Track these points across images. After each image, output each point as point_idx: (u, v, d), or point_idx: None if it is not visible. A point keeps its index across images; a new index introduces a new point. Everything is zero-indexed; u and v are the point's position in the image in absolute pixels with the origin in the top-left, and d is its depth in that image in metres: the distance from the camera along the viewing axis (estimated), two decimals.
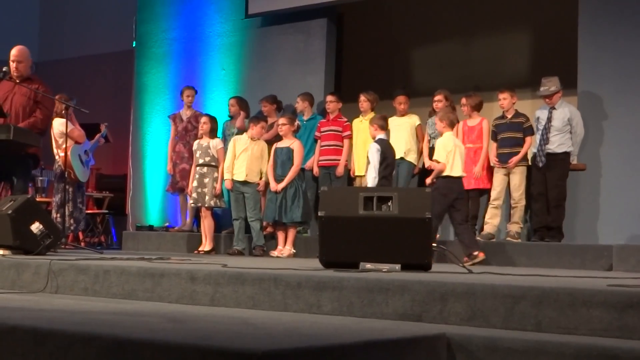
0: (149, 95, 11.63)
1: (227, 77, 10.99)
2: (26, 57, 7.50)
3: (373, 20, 10.76)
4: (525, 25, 10.06)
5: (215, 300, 4.47)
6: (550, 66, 8.51)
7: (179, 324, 3.26)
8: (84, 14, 14.22)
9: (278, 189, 8.52)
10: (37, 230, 6.22)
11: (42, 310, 3.84)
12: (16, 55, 7.44)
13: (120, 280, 4.90)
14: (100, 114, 11.03)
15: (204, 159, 9.06)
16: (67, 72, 13.32)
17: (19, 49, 7.49)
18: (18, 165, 7.34)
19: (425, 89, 9.75)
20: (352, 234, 5.17)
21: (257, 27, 10.88)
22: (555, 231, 8.08)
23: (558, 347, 3.10)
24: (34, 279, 5.24)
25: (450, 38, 10.34)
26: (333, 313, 4.06)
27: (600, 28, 8.52)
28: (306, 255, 8.54)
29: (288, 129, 8.68)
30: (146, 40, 11.77)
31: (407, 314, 3.85)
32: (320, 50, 10.33)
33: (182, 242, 9.68)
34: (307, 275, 4.26)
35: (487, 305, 3.66)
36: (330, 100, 9.38)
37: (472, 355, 3.22)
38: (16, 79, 7.41)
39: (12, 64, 7.41)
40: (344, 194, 5.63)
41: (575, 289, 3.54)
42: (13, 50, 7.47)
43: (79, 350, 2.78)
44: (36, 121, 7.32)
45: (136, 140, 11.65)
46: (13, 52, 7.46)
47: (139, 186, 11.50)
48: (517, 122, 8.36)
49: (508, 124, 8.32)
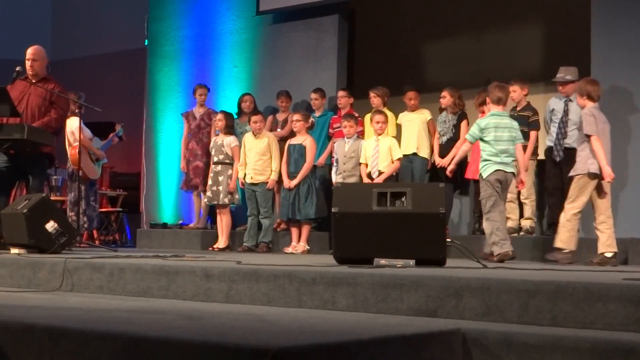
0: (162, 93, 11.65)
1: (239, 75, 11.00)
2: (41, 56, 7.52)
3: (384, 15, 10.73)
4: (537, 18, 10.00)
5: (230, 297, 4.48)
6: (563, 59, 8.44)
7: (194, 321, 3.27)
8: (96, 13, 14.26)
9: (291, 186, 8.54)
10: (52, 229, 6.26)
11: (57, 309, 3.86)
12: (32, 54, 7.46)
13: (135, 278, 4.91)
14: (113, 112, 11.05)
15: (218, 157, 9.06)
16: (80, 71, 13.35)
17: (35, 48, 7.52)
18: (33, 165, 7.37)
19: (436, 84, 9.71)
20: (365, 230, 5.16)
21: (269, 24, 10.88)
22: None
23: (574, 342, 3.09)
24: (49, 277, 5.27)
25: (461, 32, 10.30)
26: (348, 309, 4.06)
27: (613, 20, 8.47)
28: (320, 251, 8.55)
29: (302, 125, 8.68)
30: (158, 38, 11.79)
31: (422, 309, 3.85)
32: (332, 47, 10.32)
33: (196, 240, 9.70)
34: (321, 272, 4.27)
35: (502, 300, 3.65)
36: (341, 95, 9.37)
37: (488, 350, 3.21)
38: (32, 78, 7.43)
39: (28, 63, 7.43)
40: (358, 189, 5.63)
41: (590, 283, 3.53)
42: (29, 49, 7.50)
43: (95, 348, 2.79)
44: (50, 120, 7.34)
45: (149, 139, 11.68)
46: (29, 51, 7.49)
47: (153, 184, 11.52)
48: (523, 116, 8.28)
49: (517, 116, 8.25)
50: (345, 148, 8.53)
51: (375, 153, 8.33)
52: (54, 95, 7.39)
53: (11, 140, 6.92)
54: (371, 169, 8.34)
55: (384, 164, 8.31)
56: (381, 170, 8.29)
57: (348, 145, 8.52)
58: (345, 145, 8.54)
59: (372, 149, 8.36)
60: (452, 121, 8.77)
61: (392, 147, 8.33)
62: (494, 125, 6.90)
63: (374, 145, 8.37)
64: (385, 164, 8.31)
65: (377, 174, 8.28)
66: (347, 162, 8.50)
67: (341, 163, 8.54)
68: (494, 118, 6.96)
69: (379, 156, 8.32)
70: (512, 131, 6.97)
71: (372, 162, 8.34)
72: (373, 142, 8.41)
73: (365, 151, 8.41)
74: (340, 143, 8.66)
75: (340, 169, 8.54)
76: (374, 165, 8.33)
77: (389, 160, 8.30)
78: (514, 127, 7.02)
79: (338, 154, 8.63)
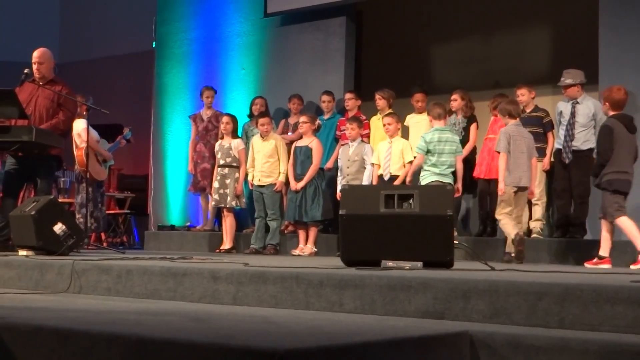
0: (169, 96, 11.67)
1: (247, 77, 11.01)
2: (47, 58, 7.53)
3: (392, 17, 10.73)
4: (545, 20, 9.99)
5: (238, 299, 4.48)
6: (571, 61, 8.44)
7: (201, 323, 3.27)
8: (103, 16, 14.29)
9: (297, 188, 8.54)
10: (60, 231, 6.26)
11: (65, 311, 3.86)
12: (37, 57, 7.48)
13: (143, 280, 4.91)
14: (120, 114, 11.08)
15: (225, 159, 9.07)
16: (88, 74, 13.38)
17: (40, 50, 7.53)
18: (41, 167, 7.39)
19: (444, 86, 9.71)
20: (373, 232, 5.16)
21: (277, 26, 10.89)
22: (578, 227, 8.03)
23: (582, 344, 3.08)
24: (57, 279, 5.28)
25: (469, 35, 10.29)
26: (355, 311, 4.05)
27: (621, 22, 8.45)
28: (328, 253, 8.54)
29: (309, 127, 8.69)
30: (166, 40, 11.81)
31: (429, 311, 3.84)
32: (340, 49, 10.32)
33: (203, 242, 9.71)
34: (328, 274, 4.26)
35: (510, 302, 3.64)
36: (348, 97, 9.38)
37: (495, 352, 3.21)
38: (39, 80, 7.45)
39: (34, 66, 7.45)
40: (365, 192, 5.63)
41: (598, 285, 3.52)
42: (35, 52, 7.52)
43: (103, 350, 2.80)
44: (58, 122, 7.36)
45: (157, 141, 11.70)
46: (35, 54, 7.50)
47: (161, 186, 11.54)
48: (536, 117, 8.31)
49: (527, 118, 8.24)
50: (349, 152, 8.54)
51: (388, 155, 8.32)
52: (61, 98, 7.40)
53: (19, 143, 6.94)
54: (383, 171, 8.33)
55: (396, 167, 8.30)
56: (392, 173, 8.28)
57: (352, 149, 8.52)
58: (350, 149, 8.55)
59: (385, 150, 8.35)
60: (462, 124, 8.78)
61: (404, 149, 8.32)
62: (437, 139, 7.78)
63: (387, 147, 8.36)
64: (397, 166, 8.30)
65: (388, 176, 8.28)
66: (350, 165, 8.50)
67: (345, 167, 8.54)
68: (437, 133, 7.83)
69: (392, 158, 8.31)
70: (452, 145, 7.86)
71: (384, 164, 8.33)
72: (386, 144, 8.41)
73: (379, 153, 8.40)
74: (345, 147, 8.67)
75: (344, 172, 8.54)
76: (386, 167, 8.32)
77: (401, 162, 8.29)
78: (455, 141, 7.93)
79: (342, 158, 8.63)
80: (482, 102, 9.17)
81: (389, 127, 8.36)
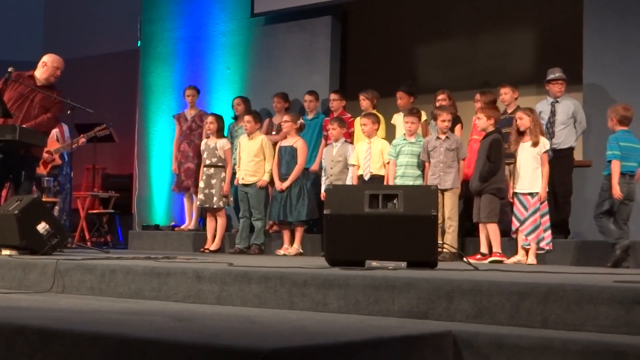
0: (154, 95, 11.64)
1: (232, 77, 10.99)
2: (51, 62, 7.51)
3: (378, 17, 10.75)
4: (530, 21, 10.04)
5: (222, 299, 4.47)
6: (556, 62, 8.47)
7: (185, 322, 3.27)
8: (88, 14, 14.22)
9: (282, 187, 8.54)
10: (44, 230, 6.24)
11: (48, 310, 3.85)
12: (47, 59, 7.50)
13: (127, 279, 4.90)
14: (105, 113, 11.03)
15: (211, 159, 9.05)
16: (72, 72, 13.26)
17: (53, 55, 7.58)
18: (24, 166, 7.35)
19: (431, 86, 9.73)
20: (357, 232, 5.16)
21: (262, 25, 10.88)
22: (561, 227, 8.06)
23: (564, 344, 3.10)
24: (40, 278, 5.25)
25: (455, 35, 10.32)
26: (339, 311, 4.06)
27: (605, 23, 8.50)
28: (312, 253, 8.55)
29: (291, 127, 8.69)
30: (151, 39, 11.78)
31: (413, 311, 3.85)
32: (325, 49, 10.32)
33: (188, 241, 9.69)
34: (313, 274, 4.27)
35: (493, 302, 3.65)
36: (333, 98, 9.38)
37: (478, 352, 3.22)
38: (38, 81, 7.41)
39: (40, 65, 7.47)
40: (350, 192, 5.63)
41: (581, 286, 3.54)
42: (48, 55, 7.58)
43: (86, 350, 2.79)
44: (42, 120, 7.34)
45: (142, 140, 11.66)
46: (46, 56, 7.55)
47: (145, 186, 11.51)
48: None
49: (508, 119, 8.27)
50: (333, 152, 8.56)
51: (368, 155, 8.34)
52: (52, 105, 7.39)
53: (3, 142, 6.91)
54: (363, 171, 8.34)
55: (377, 166, 8.32)
56: (373, 172, 8.30)
57: (335, 149, 8.54)
58: (333, 149, 8.57)
59: (365, 151, 8.37)
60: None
61: (384, 149, 8.34)
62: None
63: (366, 148, 8.38)
64: (377, 165, 8.32)
65: (369, 176, 8.29)
66: (334, 166, 8.52)
67: (328, 167, 8.56)
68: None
69: (372, 158, 8.33)
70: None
71: (364, 164, 8.35)
72: (365, 145, 8.42)
73: (358, 153, 8.42)
74: (329, 148, 8.69)
75: (327, 172, 8.56)
76: (366, 167, 8.34)
77: (382, 162, 8.31)
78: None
79: (326, 159, 8.65)
80: (466, 102, 9.19)
81: (364, 128, 8.40)
